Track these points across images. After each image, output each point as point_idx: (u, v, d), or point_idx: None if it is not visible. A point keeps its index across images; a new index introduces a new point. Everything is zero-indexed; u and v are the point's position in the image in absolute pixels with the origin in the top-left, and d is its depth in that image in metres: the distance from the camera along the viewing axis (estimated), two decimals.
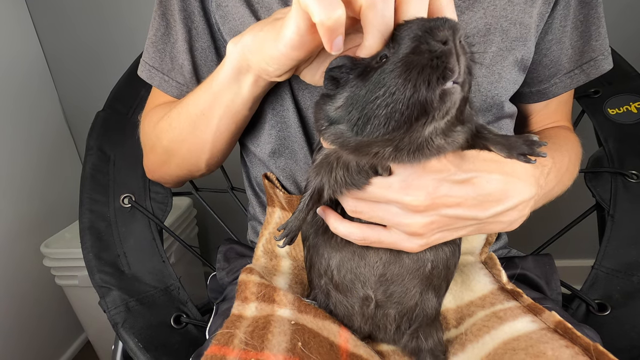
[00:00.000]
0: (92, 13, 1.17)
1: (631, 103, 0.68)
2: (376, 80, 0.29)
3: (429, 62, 0.26)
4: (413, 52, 0.27)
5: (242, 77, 0.43)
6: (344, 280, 0.40)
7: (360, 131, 0.30)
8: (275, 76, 0.40)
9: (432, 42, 0.27)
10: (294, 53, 0.35)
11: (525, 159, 0.31)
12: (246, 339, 0.35)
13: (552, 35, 0.52)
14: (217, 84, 0.44)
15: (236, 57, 0.41)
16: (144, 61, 0.56)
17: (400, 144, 0.30)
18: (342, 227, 0.37)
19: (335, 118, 0.32)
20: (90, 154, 0.68)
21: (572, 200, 0.58)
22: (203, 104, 0.47)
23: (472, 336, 0.41)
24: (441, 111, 0.28)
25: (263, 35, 0.38)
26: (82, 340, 1.34)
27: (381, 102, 0.28)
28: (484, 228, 0.37)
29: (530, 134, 0.32)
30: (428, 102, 0.27)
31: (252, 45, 0.39)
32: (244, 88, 0.44)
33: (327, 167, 0.36)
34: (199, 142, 0.50)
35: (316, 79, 0.41)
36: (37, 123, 1.20)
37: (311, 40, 0.33)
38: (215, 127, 0.48)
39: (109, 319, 0.55)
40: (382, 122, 0.28)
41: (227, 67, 0.43)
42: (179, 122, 0.50)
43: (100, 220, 0.63)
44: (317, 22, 0.28)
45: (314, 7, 0.28)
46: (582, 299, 0.56)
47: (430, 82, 0.26)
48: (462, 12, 0.46)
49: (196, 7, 0.52)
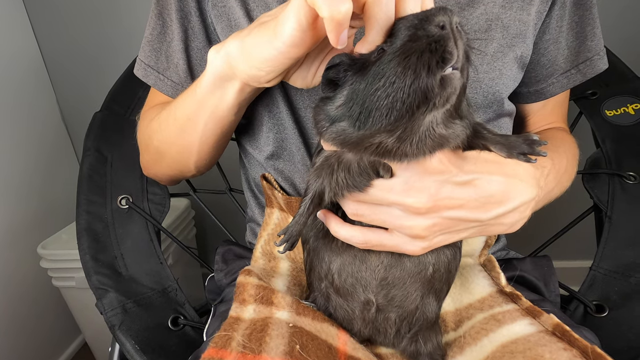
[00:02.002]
0: (89, 14, 1.16)
1: (628, 104, 0.68)
2: (375, 72, 0.28)
3: (427, 46, 0.26)
4: (410, 39, 0.27)
5: (226, 85, 0.42)
6: (345, 284, 0.40)
7: (362, 125, 0.29)
8: (266, 81, 0.39)
9: (428, 27, 0.27)
10: (293, 50, 0.34)
11: (526, 158, 0.31)
12: (244, 342, 0.35)
13: (549, 35, 0.52)
14: (200, 91, 0.44)
15: (219, 65, 0.40)
16: (140, 60, 0.56)
17: (403, 134, 0.29)
18: (344, 231, 0.37)
19: (336, 116, 0.31)
20: (87, 155, 0.67)
21: (570, 201, 0.58)
22: (189, 109, 0.47)
23: (470, 339, 0.41)
24: (442, 97, 0.28)
25: (252, 39, 0.37)
26: (79, 342, 1.33)
27: (381, 94, 0.28)
28: (485, 230, 0.37)
29: (530, 133, 0.31)
30: (429, 88, 0.27)
31: (237, 53, 0.38)
32: (228, 95, 0.43)
33: (328, 170, 0.36)
34: (187, 144, 0.50)
35: (307, 81, 0.40)
36: (35, 124, 1.19)
37: (311, 37, 0.33)
38: (201, 131, 0.48)
39: (105, 320, 0.55)
40: (384, 113, 0.28)
41: (208, 76, 0.42)
42: (167, 125, 0.50)
43: (98, 222, 0.62)
44: (326, 17, 0.28)
45: (322, 2, 0.27)
46: (580, 300, 0.56)
47: (430, 67, 0.26)
48: (462, 9, 0.46)
49: (193, 7, 0.52)
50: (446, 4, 0.46)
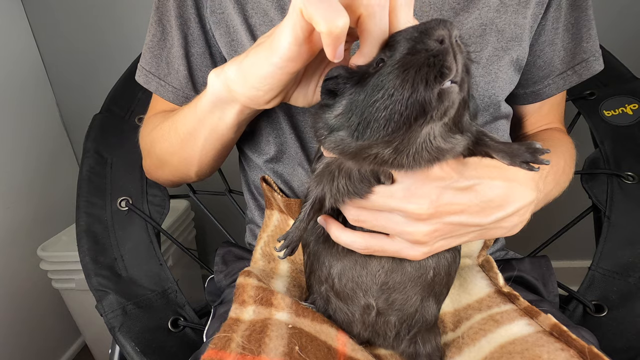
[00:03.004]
0: (88, 16, 1.16)
1: (627, 105, 0.69)
2: (374, 84, 0.29)
3: (426, 60, 0.26)
4: (410, 52, 0.27)
5: (226, 107, 0.42)
6: (345, 289, 0.40)
7: (360, 136, 0.30)
8: (265, 102, 0.39)
9: (428, 41, 0.27)
10: (290, 65, 0.34)
11: (528, 166, 0.31)
12: (243, 343, 0.35)
13: (545, 37, 0.53)
14: (200, 110, 0.44)
15: (219, 89, 0.41)
16: (141, 66, 0.57)
17: (400, 146, 0.30)
18: (345, 237, 0.37)
19: (335, 125, 0.32)
20: (87, 156, 0.67)
21: (568, 201, 0.58)
22: (190, 124, 0.47)
23: (468, 340, 0.41)
24: (439, 111, 0.28)
25: (249, 59, 0.37)
26: (79, 344, 1.33)
27: (380, 105, 0.28)
28: (486, 234, 0.37)
29: (533, 142, 0.31)
30: (426, 101, 0.27)
31: (235, 76, 0.38)
32: (227, 115, 0.43)
33: (329, 176, 0.36)
34: (188, 156, 0.51)
35: (309, 98, 0.41)
36: (35, 126, 1.19)
37: (306, 51, 0.33)
38: (201, 146, 0.49)
39: (105, 322, 0.55)
40: (382, 125, 0.28)
41: (208, 97, 0.42)
42: (169, 136, 0.51)
43: (97, 223, 0.62)
44: (324, 32, 0.28)
45: (319, 17, 0.28)
46: (579, 300, 0.56)
47: (428, 81, 0.26)
48: (457, 13, 0.46)
49: (192, 14, 0.52)
50: (441, 9, 0.46)
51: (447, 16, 0.46)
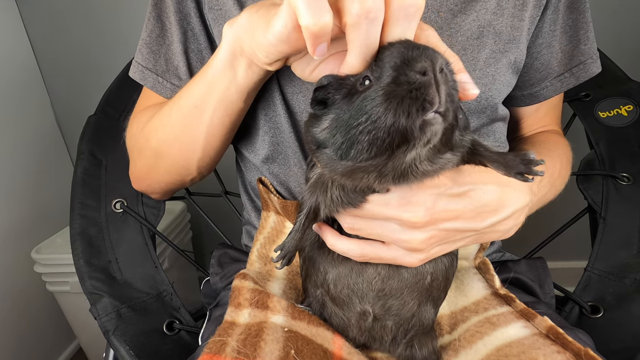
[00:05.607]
0: (83, 17, 1.16)
1: (621, 106, 0.69)
2: (359, 107, 0.29)
3: (408, 93, 0.26)
4: (393, 81, 0.27)
5: (237, 62, 0.42)
6: (341, 295, 0.40)
7: (344, 155, 0.30)
8: (265, 64, 0.39)
9: (410, 73, 0.27)
10: (281, 46, 0.34)
11: (523, 177, 0.31)
12: (238, 347, 0.35)
13: (542, 39, 0.53)
14: (213, 71, 0.43)
15: (232, 39, 0.40)
16: (136, 62, 0.55)
17: (384, 170, 0.30)
18: (340, 244, 0.37)
19: (321, 140, 0.32)
20: (81, 158, 0.67)
21: (564, 203, 0.58)
22: (196, 95, 0.46)
23: (465, 342, 0.41)
24: (422, 140, 0.28)
25: (257, 18, 0.37)
26: (74, 347, 1.32)
27: (363, 129, 0.28)
28: (481, 238, 0.38)
29: (528, 152, 0.31)
30: (408, 131, 0.27)
31: (246, 25, 0.38)
32: (239, 74, 0.42)
33: (322, 187, 0.36)
34: (191, 139, 0.49)
35: (305, 74, 0.40)
36: (29, 127, 1.18)
37: (297, 39, 0.33)
38: (208, 120, 0.46)
39: (99, 326, 0.54)
40: (365, 148, 0.28)
41: (223, 50, 0.41)
42: (170, 118, 0.48)
43: (92, 226, 0.62)
44: (302, 26, 0.28)
45: (302, 10, 0.27)
46: (575, 301, 0.56)
47: (410, 113, 0.27)
48: (454, 15, 0.46)
49: (192, 9, 0.51)
50: (438, 10, 0.46)
51: (445, 18, 0.46)
